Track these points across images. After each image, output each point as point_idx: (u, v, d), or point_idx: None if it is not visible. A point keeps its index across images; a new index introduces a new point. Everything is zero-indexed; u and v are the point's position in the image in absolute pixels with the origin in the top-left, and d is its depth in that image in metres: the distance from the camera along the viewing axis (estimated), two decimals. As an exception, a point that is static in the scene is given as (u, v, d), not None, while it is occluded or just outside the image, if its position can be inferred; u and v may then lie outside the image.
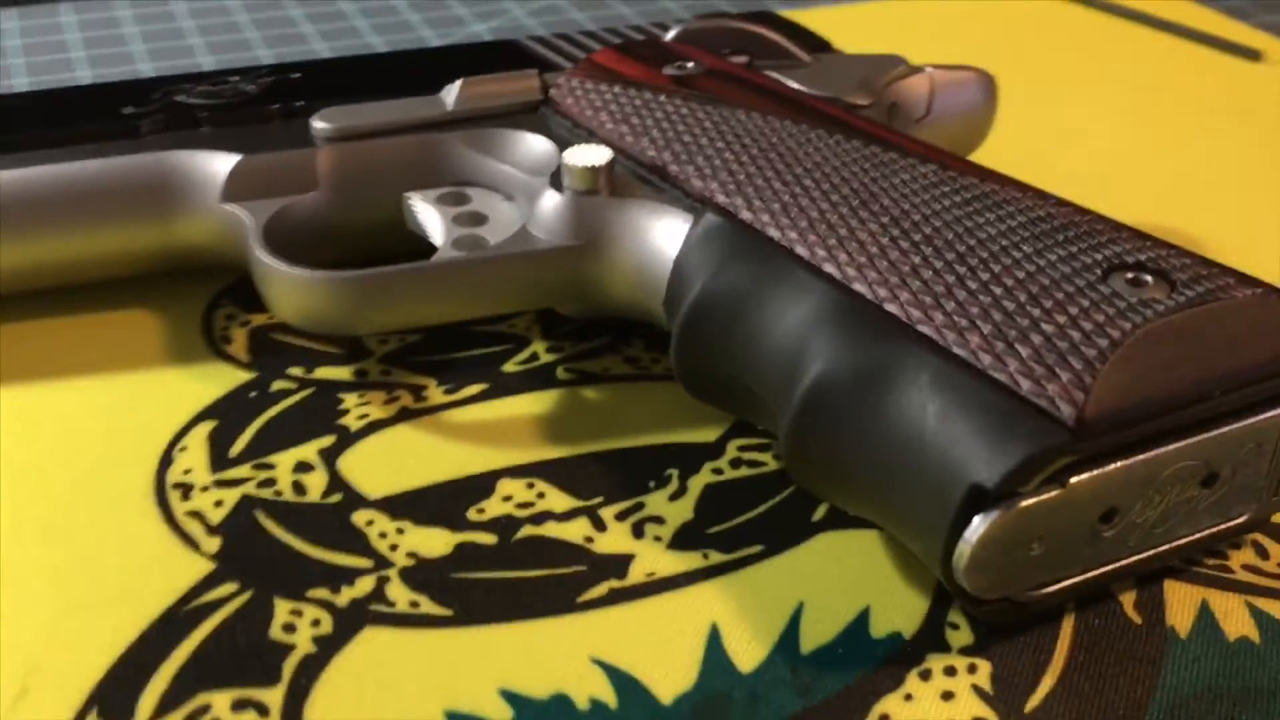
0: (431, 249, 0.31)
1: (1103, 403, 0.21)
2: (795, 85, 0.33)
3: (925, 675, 0.23)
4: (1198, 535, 0.24)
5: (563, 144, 0.31)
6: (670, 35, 0.35)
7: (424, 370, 0.31)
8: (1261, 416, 0.23)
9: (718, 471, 0.28)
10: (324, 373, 0.31)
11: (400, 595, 0.25)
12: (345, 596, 0.25)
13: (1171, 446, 0.22)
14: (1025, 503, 0.21)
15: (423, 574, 0.25)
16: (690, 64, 0.32)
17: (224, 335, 0.32)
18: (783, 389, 0.25)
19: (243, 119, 0.32)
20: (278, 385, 0.30)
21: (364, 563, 0.25)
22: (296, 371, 0.31)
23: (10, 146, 0.31)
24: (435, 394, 0.30)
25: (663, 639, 0.24)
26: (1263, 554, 0.26)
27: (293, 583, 0.25)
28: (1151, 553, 0.24)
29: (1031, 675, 0.23)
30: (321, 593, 0.25)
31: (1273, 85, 0.48)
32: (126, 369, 0.31)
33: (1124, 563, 0.24)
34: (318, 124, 0.32)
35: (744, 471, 0.28)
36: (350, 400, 0.30)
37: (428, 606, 0.24)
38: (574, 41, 0.36)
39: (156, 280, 0.33)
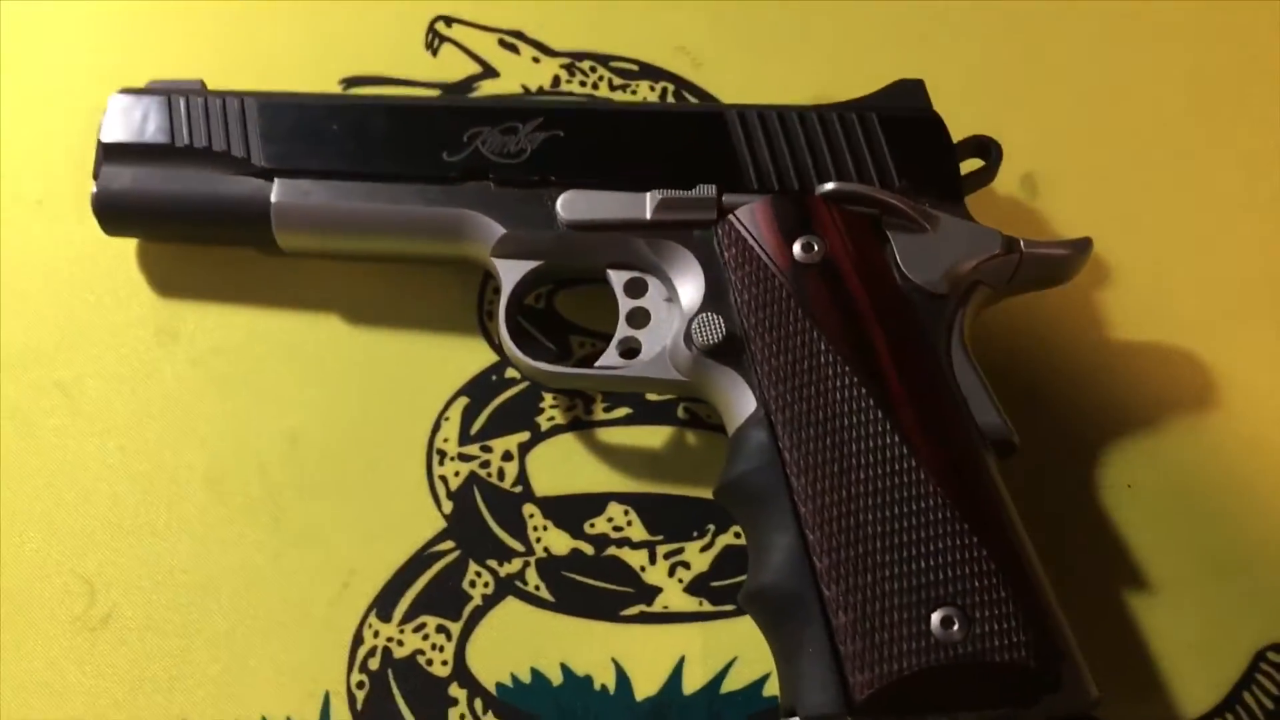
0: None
1: (876, 699, 0.38)
2: (899, 268, 0.44)
3: (775, 730, 0.43)
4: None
5: (711, 271, 0.45)
6: (824, 190, 0.45)
7: (599, 383, 0.48)
8: None
9: (738, 535, 0.46)
10: (539, 368, 0.49)
11: (532, 579, 0.46)
12: (504, 570, 0.46)
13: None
14: (818, 721, 0.39)
15: (549, 567, 0.46)
16: (816, 246, 0.44)
17: (489, 310, 0.50)
18: (755, 564, 0.42)
19: (515, 183, 0.47)
20: (509, 372, 0.49)
21: (520, 547, 0.46)
22: (523, 362, 0.49)
23: (369, 172, 0.47)
24: (598, 410, 0.48)
25: (655, 657, 0.44)
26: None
27: (480, 550, 0.46)
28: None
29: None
30: (492, 563, 0.46)
31: None
32: (420, 325, 0.49)
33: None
34: (560, 212, 0.46)
35: (755, 540, 0.46)
36: (547, 401, 0.48)
37: (544, 593, 0.45)
38: (764, 119, 0.47)
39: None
